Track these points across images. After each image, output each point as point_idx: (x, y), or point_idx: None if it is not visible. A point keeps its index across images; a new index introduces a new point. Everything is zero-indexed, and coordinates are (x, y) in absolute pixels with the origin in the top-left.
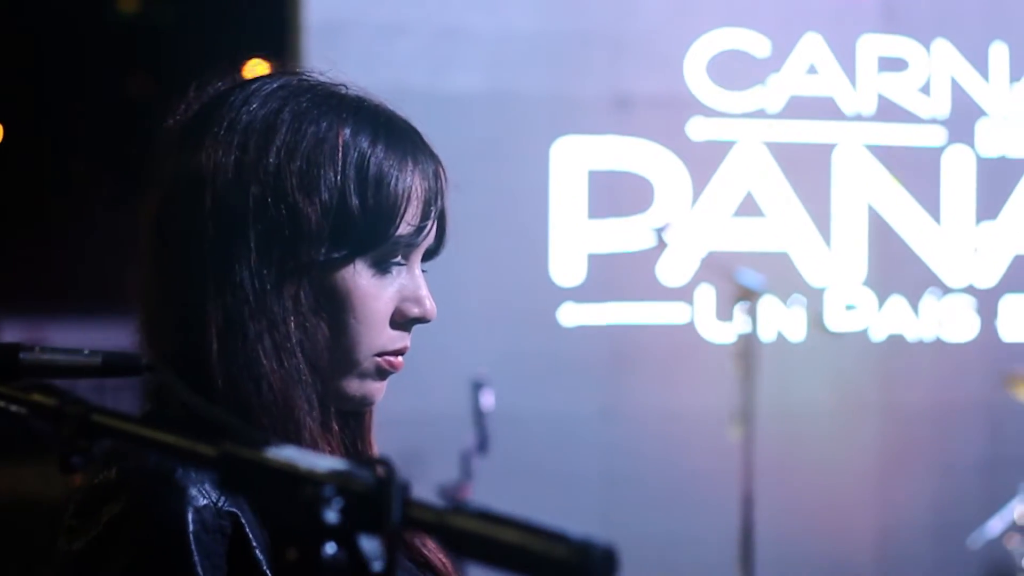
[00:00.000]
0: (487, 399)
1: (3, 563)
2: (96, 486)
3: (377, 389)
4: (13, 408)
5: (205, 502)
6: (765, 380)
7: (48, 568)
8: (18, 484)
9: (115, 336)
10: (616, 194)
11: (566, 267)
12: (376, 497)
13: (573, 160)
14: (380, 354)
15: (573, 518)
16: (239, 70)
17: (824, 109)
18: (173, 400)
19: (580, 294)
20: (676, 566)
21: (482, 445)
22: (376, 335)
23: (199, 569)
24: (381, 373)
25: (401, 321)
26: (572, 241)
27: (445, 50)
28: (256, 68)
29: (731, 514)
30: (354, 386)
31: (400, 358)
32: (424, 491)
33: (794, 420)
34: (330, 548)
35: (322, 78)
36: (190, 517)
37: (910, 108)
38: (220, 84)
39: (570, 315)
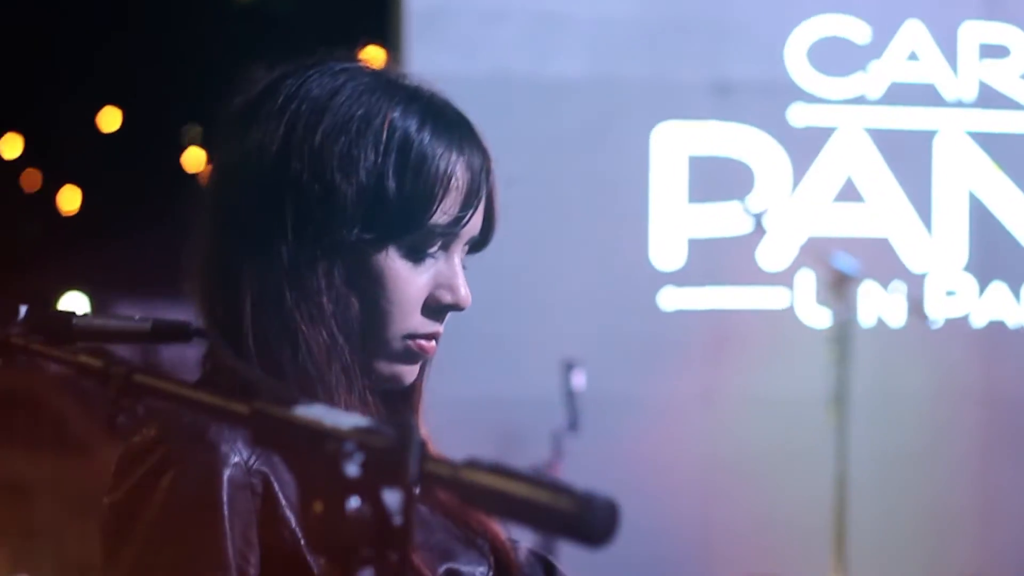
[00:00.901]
0: (578, 379)
1: None
2: (134, 444)
3: (407, 371)
4: (64, 367)
5: (237, 460)
6: (864, 366)
7: None
8: None
9: None
10: (716, 179)
11: (666, 252)
12: (395, 452)
13: (673, 145)
14: (410, 336)
15: (672, 501)
16: (341, 56)
17: (925, 96)
18: (221, 366)
19: (680, 278)
20: (773, 550)
21: (572, 424)
22: (406, 318)
23: (227, 524)
24: (411, 356)
25: (434, 307)
26: (672, 226)
27: (546, 36)
28: (366, 54)
29: (827, 499)
30: (383, 366)
31: (432, 343)
32: (516, 463)
33: (893, 406)
34: (354, 502)
35: (385, 68)
36: (222, 474)
37: (1012, 95)
38: (286, 66)
39: (670, 299)
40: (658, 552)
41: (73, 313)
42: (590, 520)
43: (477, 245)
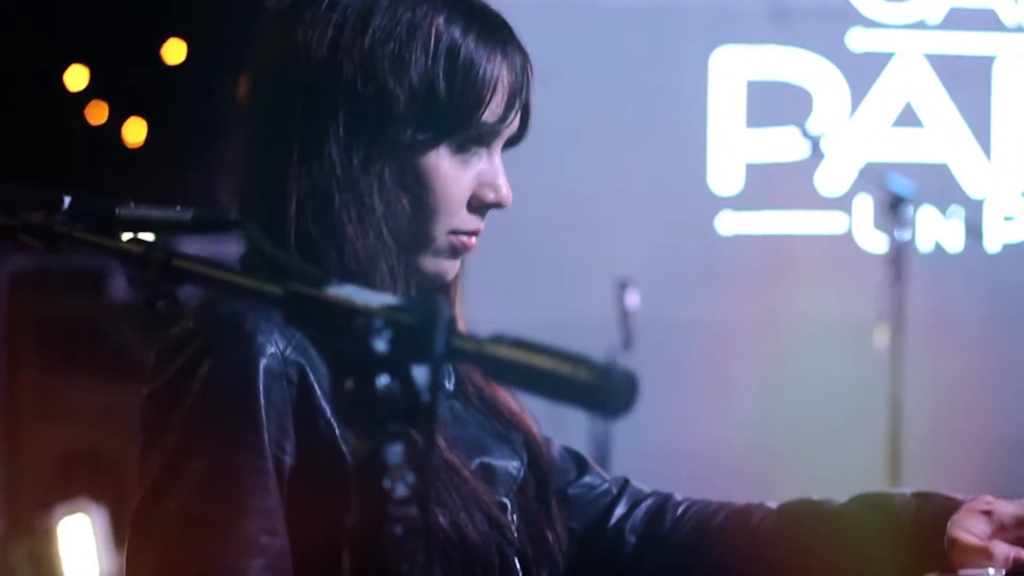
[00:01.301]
0: (632, 299)
1: None
2: (173, 335)
3: (451, 267)
4: (106, 254)
5: (273, 350)
6: (921, 290)
7: None
8: None
9: None
10: (774, 104)
11: (724, 176)
12: (423, 328)
13: (731, 70)
14: (454, 232)
15: (728, 423)
16: None
17: (985, 20)
18: (257, 261)
19: (738, 203)
20: (827, 470)
21: (626, 343)
22: (452, 215)
23: (263, 413)
24: (454, 251)
25: (477, 205)
26: (730, 150)
27: None
28: None
29: (883, 422)
30: (428, 262)
31: (473, 239)
32: None
33: (950, 331)
34: (383, 379)
35: None
36: (259, 363)
37: None
38: None
39: (728, 224)
40: (714, 470)
41: (116, 202)
42: (610, 390)
43: (512, 141)
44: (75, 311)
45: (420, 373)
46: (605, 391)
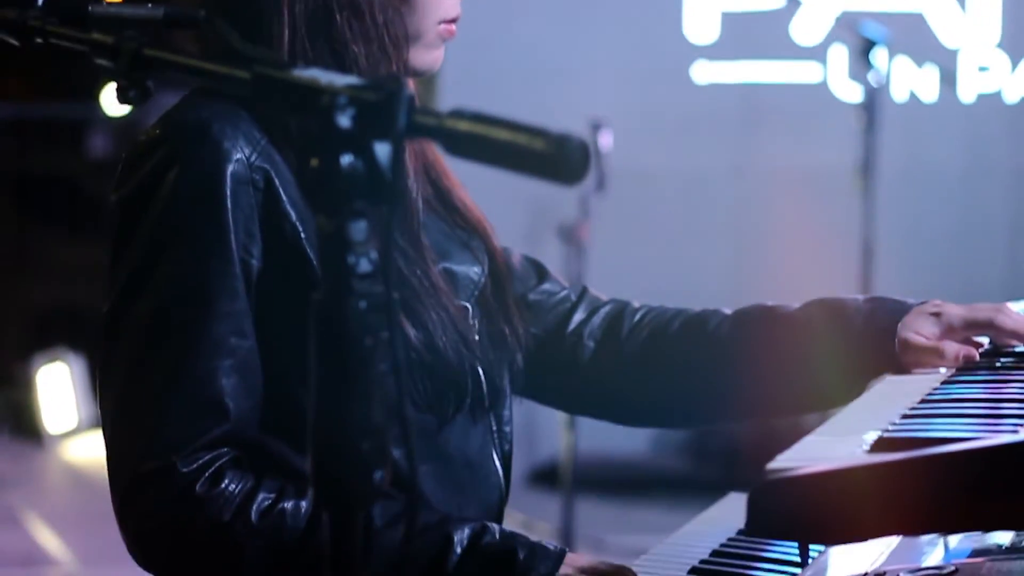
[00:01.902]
0: (605, 139)
1: None
2: (141, 143)
3: (439, 56)
4: (78, 47)
5: (239, 156)
6: (895, 140)
7: None
8: None
9: None
10: None
11: (699, 25)
12: (385, 105)
13: None
14: (443, 21)
15: (702, 271)
16: None
17: None
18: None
19: (713, 52)
20: None
21: (600, 184)
22: (439, 4)
23: (230, 218)
24: (442, 40)
25: None
26: None
27: None
28: None
29: (854, 267)
30: (422, 55)
31: (454, 25)
32: (545, 233)
33: (923, 181)
34: (347, 158)
35: None
36: (224, 169)
37: None
38: None
39: (703, 73)
40: None
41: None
42: (565, 158)
43: None
44: (54, 167)
45: (383, 151)
46: (560, 159)
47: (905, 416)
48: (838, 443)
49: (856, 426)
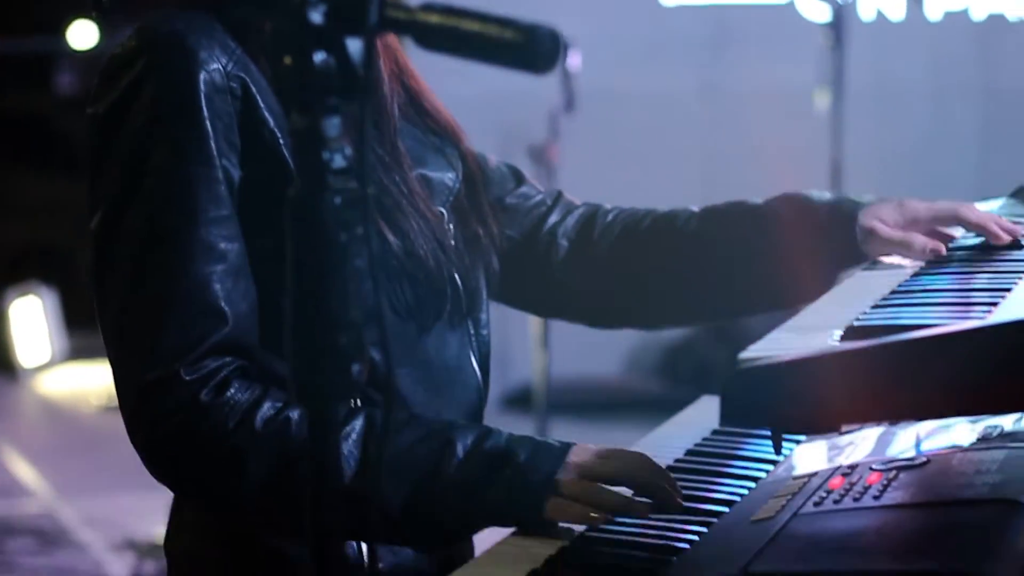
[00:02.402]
0: (574, 61)
1: None
2: (117, 55)
3: None
4: None
5: (215, 66)
6: (862, 57)
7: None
8: None
9: None
10: None
11: None
12: (356, 0)
13: None
14: None
15: (669, 190)
16: None
17: None
18: None
19: None
20: None
21: (568, 104)
22: None
23: (209, 126)
24: None
25: None
26: None
27: None
28: None
29: (822, 185)
30: None
31: None
32: (516, 154)
33: (890, 97)
34: (320, 54)
35: None
36: (201, 78)
37: None
38: None
39: None
40: None
41: None
42: (535, 47)
43: None
44: (23, 105)
45: (355, 46)
46: (531, 48)
47: (876, 306)
48: (809, 334)
49: (826, 318)
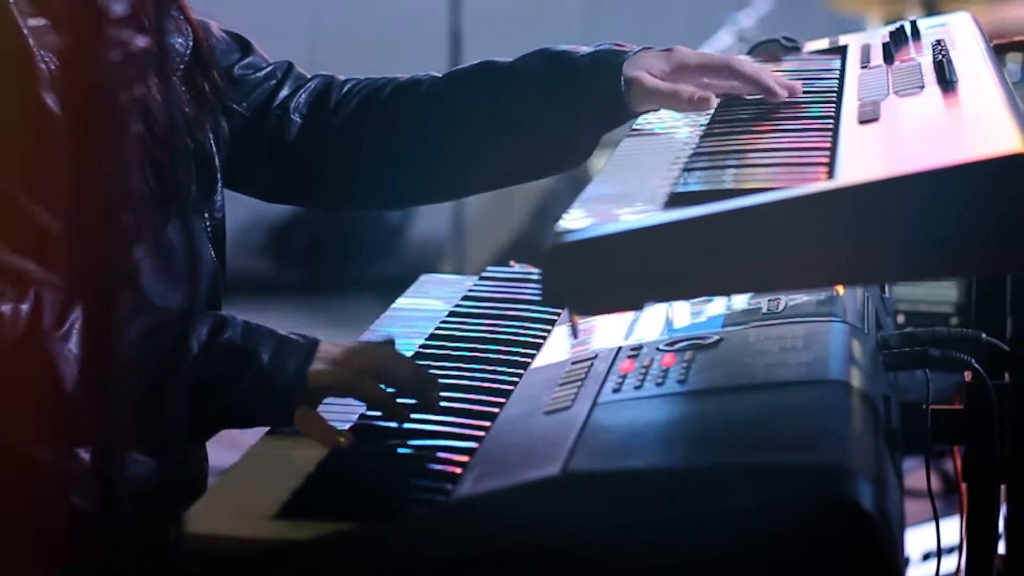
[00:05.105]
0: None
1: None
2: None
3: None
4: None
5: None
6: None
7: None
8: None
9: None
10: None
11: None
12: None
13: None
14: None
15: (557, 33)
16: None
17: None
18: None
19: None
20: None
21: None
22: None
23: None
24: None
25: None
26: None
27: None
28: None
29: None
30: None
31: None
32: None
33: None
34: None
35: None
36: None
37: None
38: None
39: None
40: None
41: None
42: None
43: None
44: None
45: None
46: None
47: (687, 169)
48: (620, 201)
49: (626, 183)
